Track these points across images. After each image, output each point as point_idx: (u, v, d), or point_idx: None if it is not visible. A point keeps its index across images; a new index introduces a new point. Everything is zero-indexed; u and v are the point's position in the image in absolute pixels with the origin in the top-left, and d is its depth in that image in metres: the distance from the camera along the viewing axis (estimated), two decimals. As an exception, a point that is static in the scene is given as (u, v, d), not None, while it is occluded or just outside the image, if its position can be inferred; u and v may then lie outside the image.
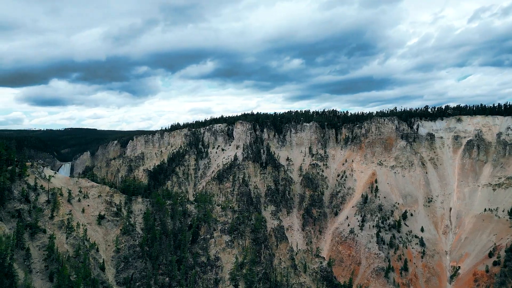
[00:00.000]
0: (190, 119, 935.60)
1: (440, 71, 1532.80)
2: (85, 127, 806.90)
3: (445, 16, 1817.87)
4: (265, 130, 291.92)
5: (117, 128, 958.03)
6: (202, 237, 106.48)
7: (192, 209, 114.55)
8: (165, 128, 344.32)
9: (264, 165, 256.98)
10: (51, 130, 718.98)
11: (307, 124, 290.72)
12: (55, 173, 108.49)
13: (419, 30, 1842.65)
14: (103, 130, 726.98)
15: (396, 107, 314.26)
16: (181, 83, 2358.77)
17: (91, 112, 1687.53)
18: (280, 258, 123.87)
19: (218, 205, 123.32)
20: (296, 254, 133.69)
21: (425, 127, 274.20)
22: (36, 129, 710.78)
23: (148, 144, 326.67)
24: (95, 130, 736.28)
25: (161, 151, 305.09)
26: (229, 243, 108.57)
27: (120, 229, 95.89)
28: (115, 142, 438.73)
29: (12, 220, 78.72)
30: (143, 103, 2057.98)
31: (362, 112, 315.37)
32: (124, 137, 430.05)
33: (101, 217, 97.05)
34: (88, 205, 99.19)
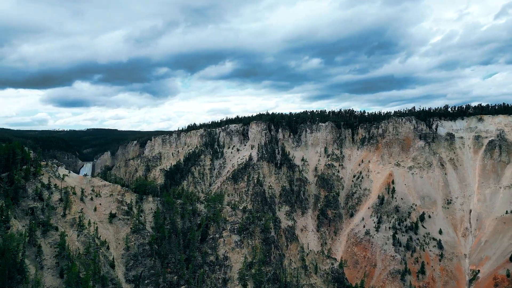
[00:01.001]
0: (209, 119, 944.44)
1: (465, 69, 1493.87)
2: (107, 128, 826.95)
3: (470, 13, 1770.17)
4: (280, 130, 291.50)
5: (138, 129, 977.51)
6: (211, 236, 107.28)
7: (202, 208, 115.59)
8: (182, 129, 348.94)
9: (278, 165, 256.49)
10: (74, 130, 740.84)
11: (323, 124, 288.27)
12: (69, 172, 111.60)
13: (443, 27, 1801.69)
14: (124, 131, 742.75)
15: (414, 107, 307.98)
16: (200, 84, 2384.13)
17: (113, 113, 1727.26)
18: (291, 259, 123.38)
19: (228, 205, 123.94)
20: (307, 255, 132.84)
21: (444, 127, 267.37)
22: (60, 130, 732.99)
23: (165, 144, 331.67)
24: (115, 130, 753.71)
25: (178, 151, 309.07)
26: (238, 243, 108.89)
27: (131, 228, 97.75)
28: (135, 142, 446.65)
29: (26, 218, 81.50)
30: (163, 103, 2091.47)
31: (380, 112, 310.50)
32: (144, 138, 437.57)
33: (112, 216, 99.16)
34: (100, 204, 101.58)
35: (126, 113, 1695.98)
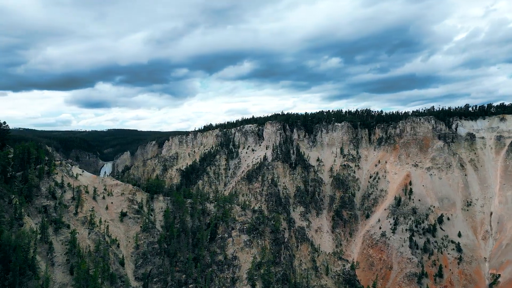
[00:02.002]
0: (228, 119, 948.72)
1: (490, 67, 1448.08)
2: (127, 128, 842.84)
3: (497, 9, 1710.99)
4: (295, 130, 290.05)
5: (158, 129, 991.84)
6: (220, 236, 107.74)
7: (212, 208, 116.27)
8: (199, 129, 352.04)
9: (293, 165, 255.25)
10: (95, 131, 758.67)
11: (339, 124, 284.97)
12: (83, 171, 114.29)
13: (467, 24, 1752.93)
14: (144, 131, 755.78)
15: (433, 106, 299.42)
16: (218, 84, 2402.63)
17: (134, 114, 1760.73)
18: (301, 260, 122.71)
19: (238, 205, 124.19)
20: (318, 256, 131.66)
21: (465, 127, 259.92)
22: (82, 130, 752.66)
23: (182, 144, 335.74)
24: (135, 130, 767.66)
25: (194, 151, 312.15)
26: (248, 243, 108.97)
27: (141, 226, 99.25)
28: (153, 142, 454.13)
29: (39, 216, 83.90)
30: (183, 104, 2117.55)
31: (397, 112, 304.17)
32: (162, 138, 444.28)
33: (123, 214, 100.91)
34: (112, 203, 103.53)
35: (147, 113, 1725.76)
